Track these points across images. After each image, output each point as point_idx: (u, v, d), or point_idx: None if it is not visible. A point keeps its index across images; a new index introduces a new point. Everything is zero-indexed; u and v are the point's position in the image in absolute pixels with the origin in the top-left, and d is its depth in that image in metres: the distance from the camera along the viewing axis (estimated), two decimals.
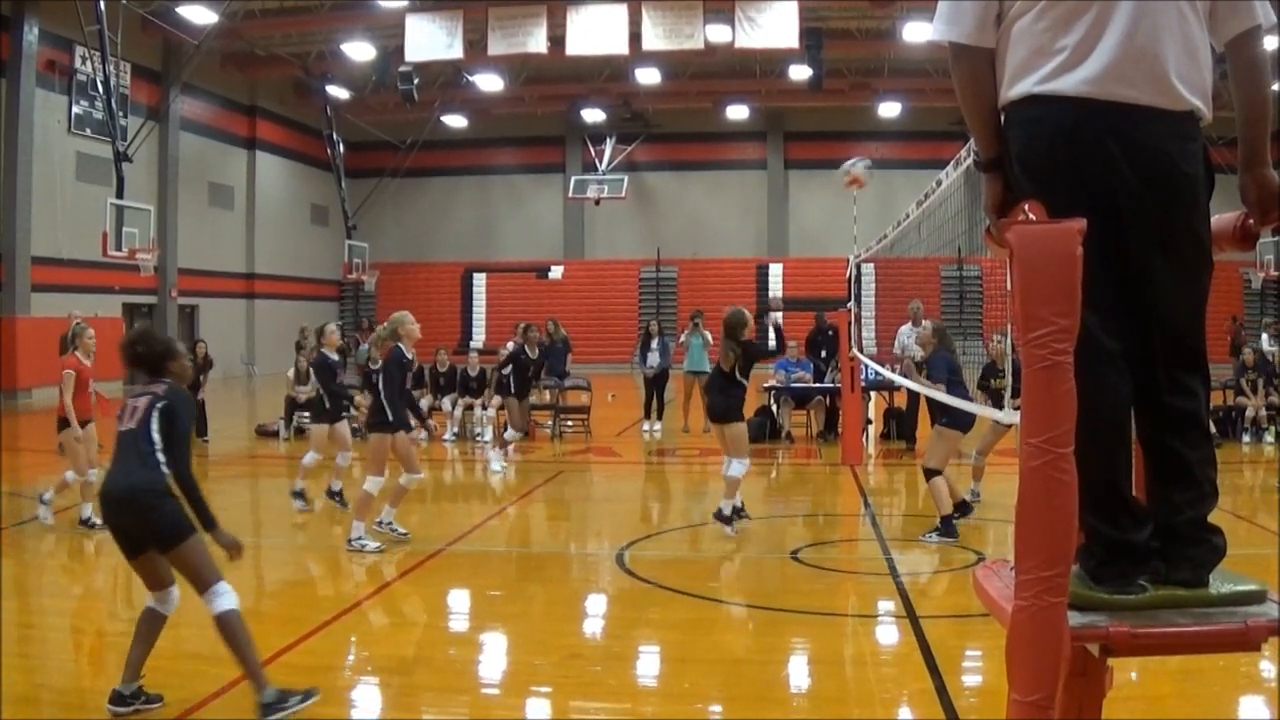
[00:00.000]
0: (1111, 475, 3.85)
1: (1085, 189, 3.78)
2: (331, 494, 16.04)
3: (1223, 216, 4.22)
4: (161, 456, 8.17)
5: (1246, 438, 23.80)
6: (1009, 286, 3.63)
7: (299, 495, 16.05)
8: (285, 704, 7.90)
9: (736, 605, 11.69)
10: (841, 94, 49.95)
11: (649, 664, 9.82)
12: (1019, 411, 3.59)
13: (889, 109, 51.85)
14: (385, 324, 14.61)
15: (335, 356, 16.61)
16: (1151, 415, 4.00)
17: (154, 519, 8.05)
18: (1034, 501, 3.40)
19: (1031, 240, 3.42)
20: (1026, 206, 3.61)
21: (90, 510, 14.18)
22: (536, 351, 22.73)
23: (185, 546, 8.03)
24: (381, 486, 13.69)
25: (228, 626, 7.98)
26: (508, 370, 21.89)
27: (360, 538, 13.37)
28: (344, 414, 16.76)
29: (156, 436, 8.21)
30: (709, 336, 27.07)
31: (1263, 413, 23.93)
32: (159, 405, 8.33)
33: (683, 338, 27.87)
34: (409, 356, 14.24)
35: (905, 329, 23.37)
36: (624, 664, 9.63)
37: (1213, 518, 4.00)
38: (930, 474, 14.15)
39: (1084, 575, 3.83)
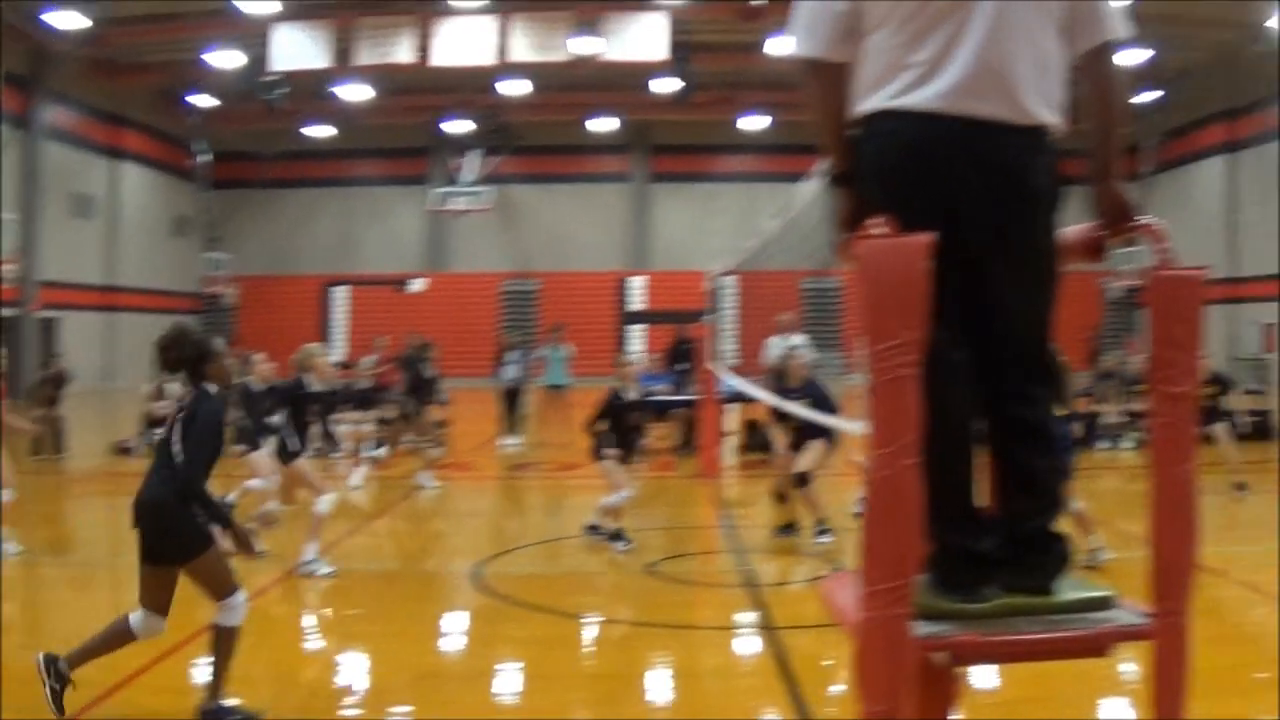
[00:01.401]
0: (957, 485, 3.90)
1: (934, 203, 3.82)
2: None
3: (1073, 228, 4.29)
4: (174, 474, 8.06)
5: (1104, 444, 24.24)
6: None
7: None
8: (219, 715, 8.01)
9: (595, 620, 11.68)
10: (707, 107, 50.25)
11: (508, 681, 9.74)
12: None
13: (754, 122, 52.14)
14: (298, 353, 14.33)
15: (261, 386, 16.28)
16: (998, 425, 4.05)
17: (171, 534, 8.01)
18: (880, 512, 3.42)
19: (879, 254, 3.45)
20: (875, 221, 3.64)
21: None
22: (431, 369, 22.51)
23: (201, 561, 8.00)
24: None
25: (223, 640, 8.09)
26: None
27: (311, 561, 13.15)
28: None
29: (178, 448, 8.09)
30: (568, 350, 27.09)
31: (1117, 419, 24.40)
32: (181, 415, 8.22)
33: (541, 351, 27.85)
34: (315, 388, 14.02)
35: (775, 340, 23.49)
36: (482, 682, 9.57)
37: (1069, 523, 4.07)
38: (801, 480, 14.29)
39: (932, 585, 3.87)
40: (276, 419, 13.58)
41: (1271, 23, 37.29)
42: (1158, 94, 48.40)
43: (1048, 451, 4.07)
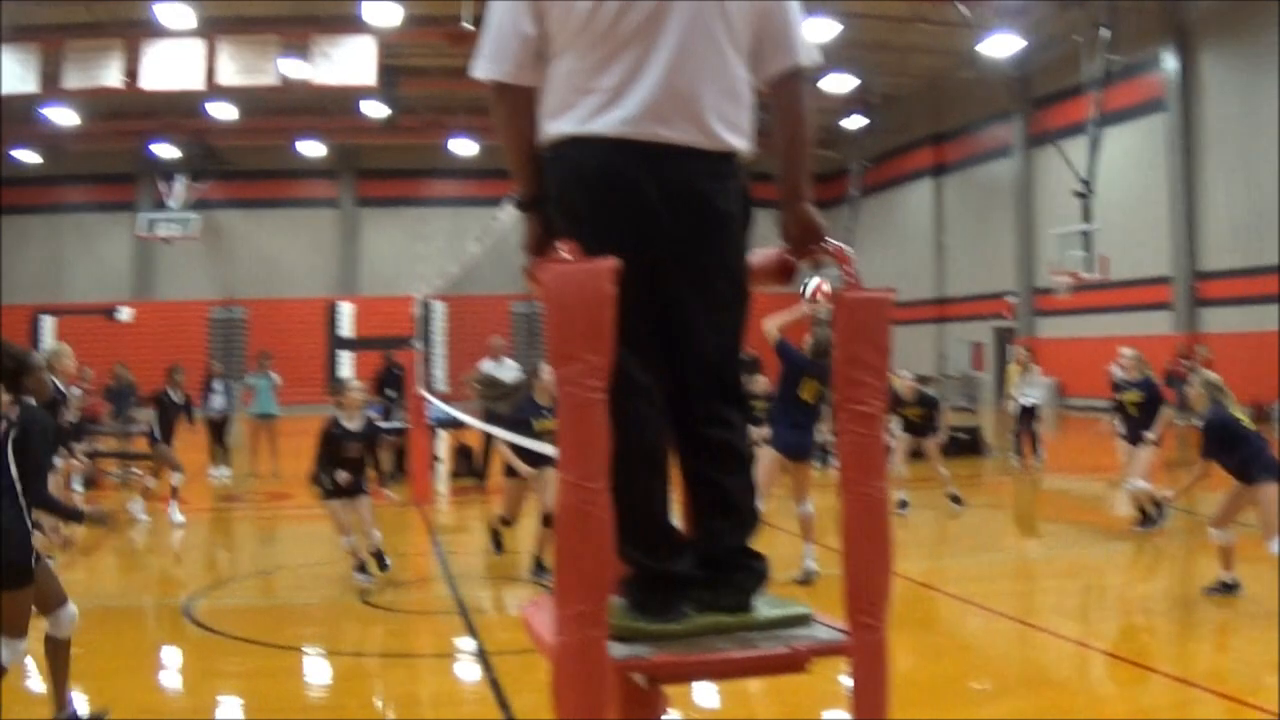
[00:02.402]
0: (649, 507, 3.91)
1: (621, 228, 3.82)
2: None
3: (762, 251, 4.34)
4: (13, 495, 7.77)
5: (815, 463, 24.64)
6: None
7: None
8: None
9: (313, 652, 11.50)
10: (416, 131, 50.09)
11: (227, 716, 9.58)
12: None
13: (462, 146, 52.08)
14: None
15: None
16: (690, 447, 4.07)
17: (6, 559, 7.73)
18: (570, 536, 3.42)
19: (564, 279, 3.45)
20: (561, 246, 3.65)
21: None
22: (181, 395, 21.75)
23: (21, 594, 7.77)
24: None
25: (62, 651, 8.20)
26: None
27: None
28: None
29: (13, 471, 7.80)
30: (276, 378, 26.70)
31: (830, 438, 24.81)
32: (12, 437, 7.87)
33: (249, 379, 27.43)
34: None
35: (488, 365, 23.50)
36: (201, 717, 9.41)
37: (774, 542, 4.11)
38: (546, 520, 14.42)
39: (628, 606, 3.87)
40: None
41: (979, 48, 38.37)
42: (865, 120, 49.47)
43: (740, 471, 4.11)
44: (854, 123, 49.88)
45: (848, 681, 3.83)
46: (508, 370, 23.07)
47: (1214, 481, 12.71)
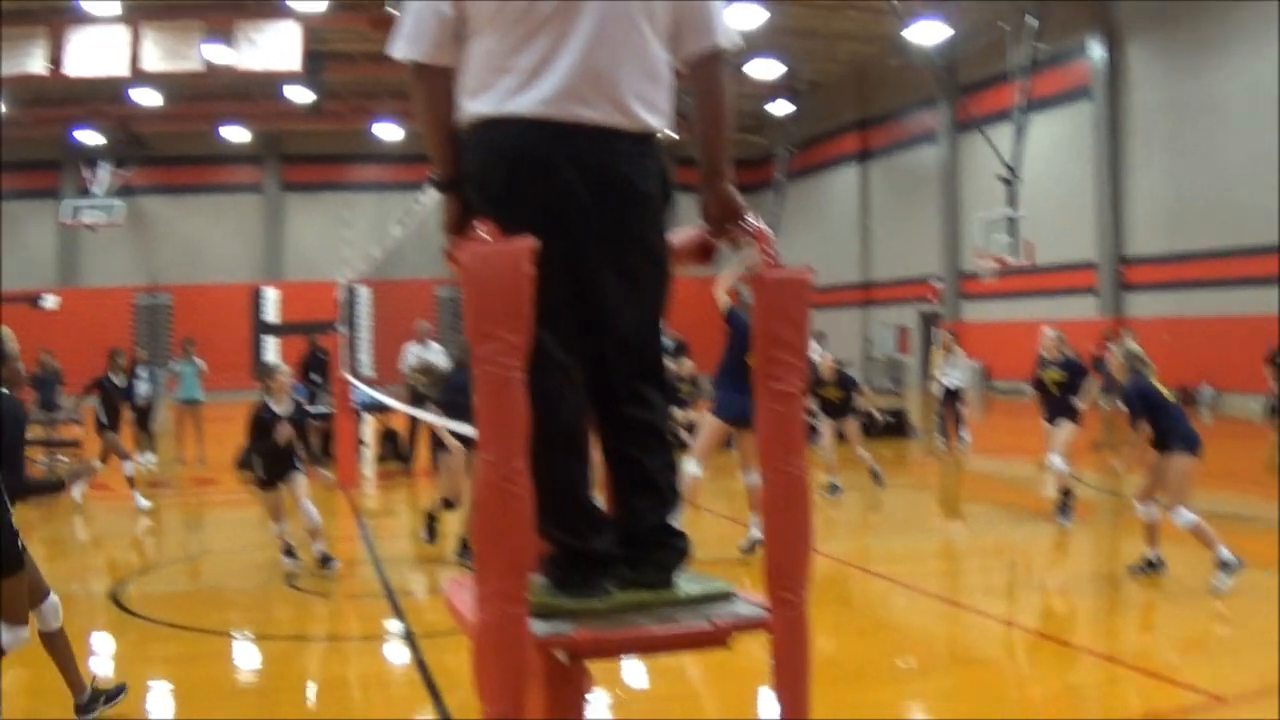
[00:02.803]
0: (570, 485, 3.93)
1: (539, 208, 3.83)
2: None
3: (682, 231, 4.36)
4: None
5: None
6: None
7: None
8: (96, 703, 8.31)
9: (241, 636, 11.43)
10: (340, 117, 49.88)
11: (156, 700, 9.53)
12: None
13: (387, 131, 51.89)
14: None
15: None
16: (611, 426, 4.10)
17: None
18: (490, 515, 3.43)
19: (482, 260, 3.45)
20: (479, 226, 3.65)
21: None
22: (124, 379, 21.52)
23: (13, 580, 7.84)
24: None
25: (54, 645, 8.32)
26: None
27: None
28: None
29: None
30: (201, 364, 26.57)
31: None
32: None
33: (174, 365, 27.28)
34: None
35: (413, 346, 23.47)
36: (131, 701, 9.36)
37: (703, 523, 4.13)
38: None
39: (550, 584, 3.91)
40: None
41: (905, 35, 38.50)
42: (792, 105, 49.58)
43: (661, 451, 4.13)
44: (780, 108, 50.04)
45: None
46: (434, 354, 23.05)
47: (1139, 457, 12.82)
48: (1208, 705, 8.46)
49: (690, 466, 13.82)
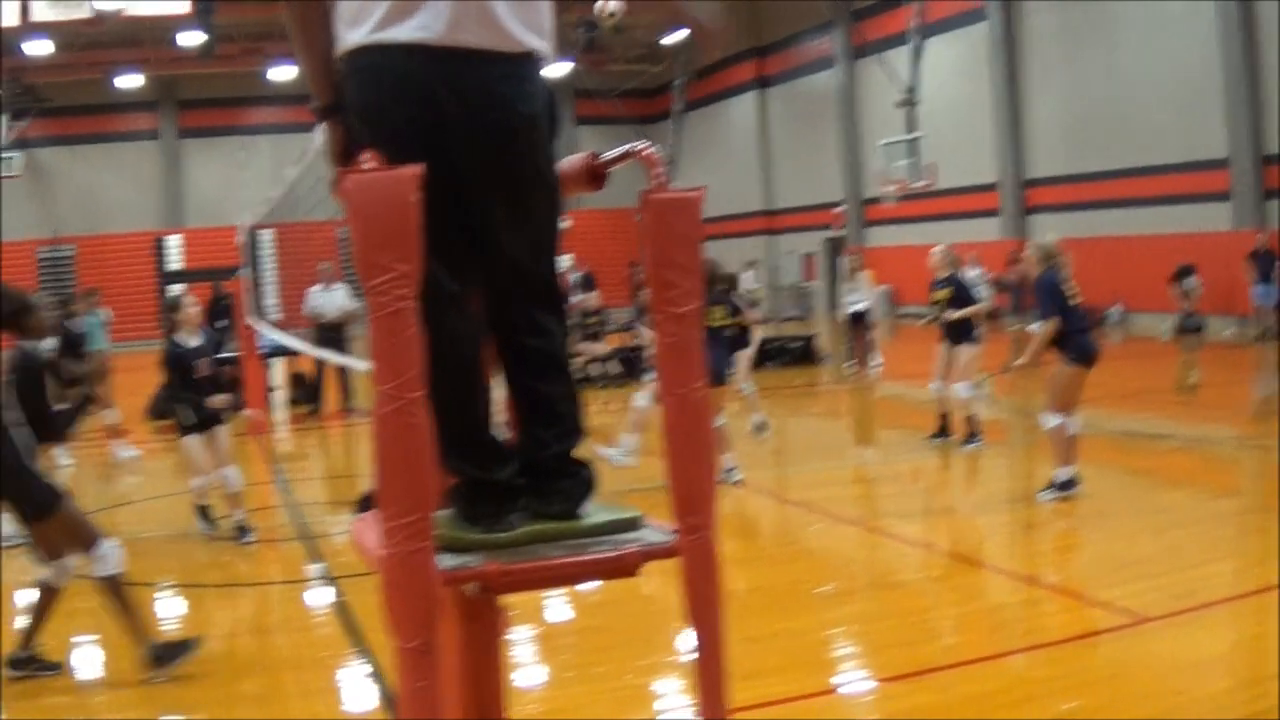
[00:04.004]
0: (469, 416, 3.89)
1: (421, 135, 3.76)
2: None
3: (572, 158, 4.33)
4: (15, 434, 8.01)
5: (649, 376, 24.71)
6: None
7: None
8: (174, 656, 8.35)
9: (161, 585, 11.38)
10: (234, 59, 49.38)
11: (82, 654, 9.47)
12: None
13: (281, 73, 51.38)
14: None
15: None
16: (511, 356, 4.05)
17: (18, 498, 8.12)
18: (389, 449, 3.38)
19: (367, 188, 3.39)
20: (363, 155, 3.60)
21: None
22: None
23: (52, 521, 8.12)
24: None
25: (113, 591, 8.35)
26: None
27: None
28: None
29: (13, 414, 8.06)
30: (105, 314, 26.33)
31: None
32: (13, 380, 8.13)
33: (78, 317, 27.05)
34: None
35: (316, 289, 23.36)
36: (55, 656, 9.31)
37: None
38: None
39: (454, 517, 3.87)
40: None
41: None
42: (685, 32, 49.35)
43: (562, 380, 4.08)
44: (675, 37, 49.89)
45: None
46: (337, 295, 22.98)
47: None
48: (1129, 627, 8.56)
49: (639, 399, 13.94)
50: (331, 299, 23.12)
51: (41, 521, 8.21)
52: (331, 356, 17.28)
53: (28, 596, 8.73)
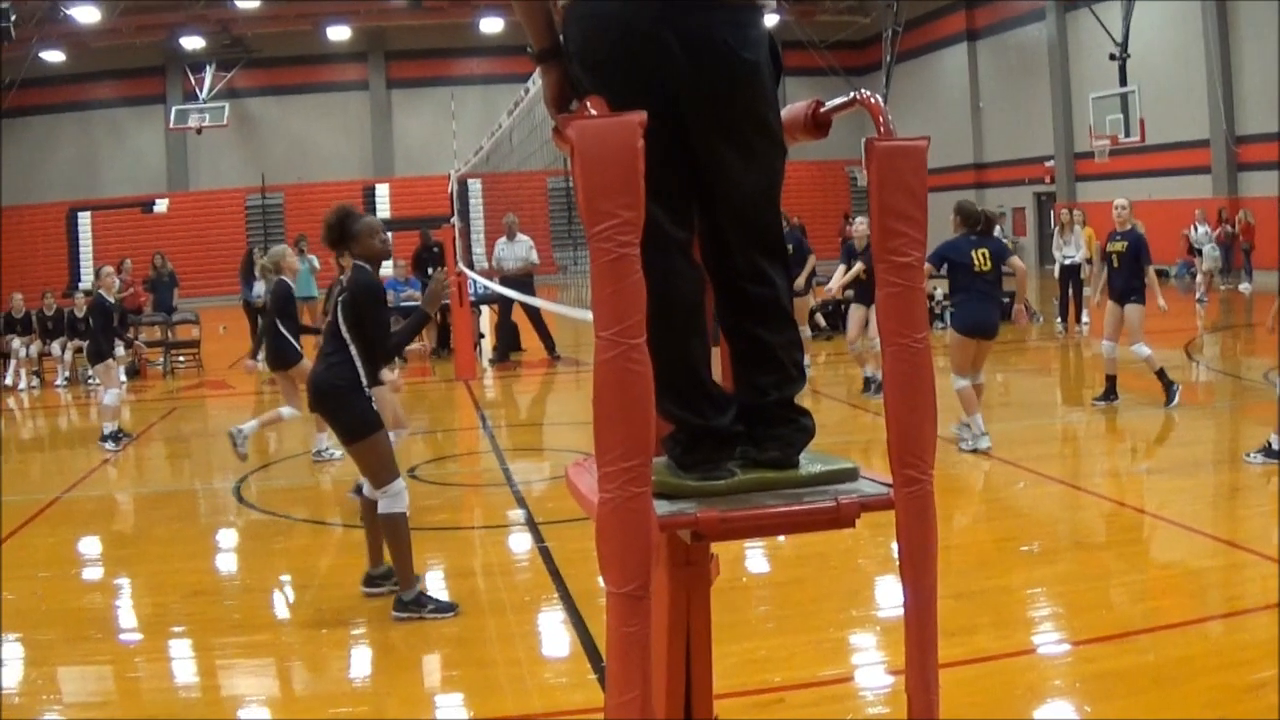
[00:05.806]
0: (689, 363, 3.84)
1: (644, 81, 3.72)
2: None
3: (794, 105, 4.26)
4: (344, 355, 8.57)
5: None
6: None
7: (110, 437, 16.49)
8: (422, 606, 8.61)
9: (359, 528, 11.54)
10: (443, 11, 49.82)
11: (278, 594, 9.69)
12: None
13: (491, 24, 51.70)
14: (267, 257, 14.81)
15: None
16: (731, 302, 4.00)
17: (335, 419, 8.78)
18: (609, 394, 3.37)
19: (591, 134, 3.37)
20: (587, 101, 3.58)
21: None
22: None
23: (361, 446, 8.62)
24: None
25: (392, 529, 8.70)
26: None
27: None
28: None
29: (344, 334, 8.57)
30: (315, 261, 26.72)
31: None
32: (342, 298, 8.63)
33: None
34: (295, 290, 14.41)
35: (501, 242, 23.57)
36: (252, 595, 9.51)
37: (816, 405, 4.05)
38: None
39: (671, 464, 3.85)
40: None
41: None
42: None
43: (783, 327, 4.02)
44: None
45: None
46: (519, 247, 23.16)
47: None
48: None
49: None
50: (514, 250, 23.31)
51: (356, 444, 8.65)
52: (535, 303, 17.36)
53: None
